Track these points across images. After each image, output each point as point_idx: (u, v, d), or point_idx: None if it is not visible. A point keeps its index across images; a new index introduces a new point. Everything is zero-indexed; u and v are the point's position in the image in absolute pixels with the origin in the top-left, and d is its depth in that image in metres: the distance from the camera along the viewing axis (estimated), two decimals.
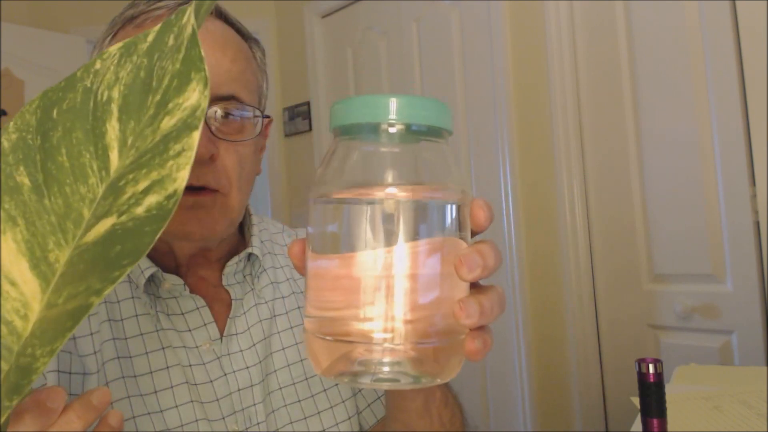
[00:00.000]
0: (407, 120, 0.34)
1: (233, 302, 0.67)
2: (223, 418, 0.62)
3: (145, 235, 0.28)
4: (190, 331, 0.64)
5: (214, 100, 0.60)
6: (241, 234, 0.74)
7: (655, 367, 0.59)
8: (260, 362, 0.66)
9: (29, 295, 0.29)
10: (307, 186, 2.47)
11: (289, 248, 0.39)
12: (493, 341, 0.41)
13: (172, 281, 0.64)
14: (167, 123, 0.29)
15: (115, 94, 0.31)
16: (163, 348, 0.62)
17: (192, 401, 0.61)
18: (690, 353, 1.60)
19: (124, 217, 0.28)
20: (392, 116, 0.33)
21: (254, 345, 0.67)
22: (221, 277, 0.69)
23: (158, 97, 0.29)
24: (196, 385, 0.62)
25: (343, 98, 0.35)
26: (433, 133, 0.35)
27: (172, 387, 0.61)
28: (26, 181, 0.31)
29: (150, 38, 0.30)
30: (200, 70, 0.28)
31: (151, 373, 0.61)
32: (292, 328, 0.71)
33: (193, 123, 0.28)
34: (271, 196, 2.79)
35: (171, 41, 0.29)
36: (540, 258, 1.92)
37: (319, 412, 0.68)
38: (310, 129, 2.65)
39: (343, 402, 0.70)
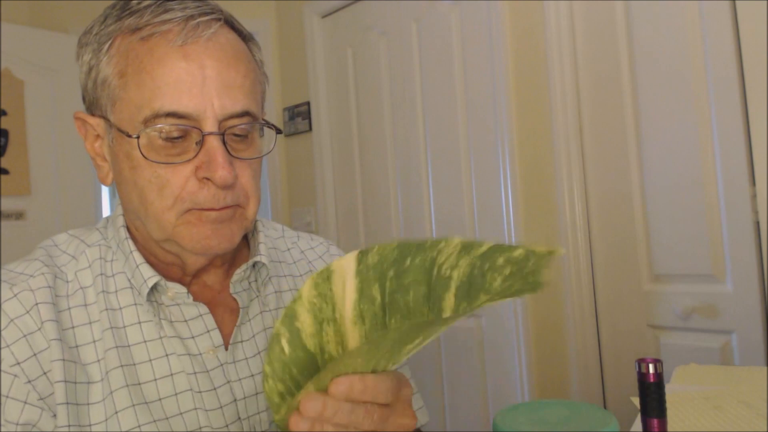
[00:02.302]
0: None
1: (241, 310, 0.67)
2: (227, 426, 0.62)
3: None
4: (193, 338, 0.63)
5: (229, 117, 0.60)
6: (245, 239, 0.74)
7: (655, 367, 0.59)
8: None
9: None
10: (307, 186, 2.45)
11: None
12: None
13: (175, 289, 0.63)
14: None
15: (455, 275, 0.41)
16: (167, 355, 0.62)
17: (196, 408, 0.61)
18: (690, 353, 1.60)
19: None
20: None
21: (259, 353, 0.67)
22: (227, 283, 0.69)
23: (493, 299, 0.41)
24: (200, 392, 0.62)
25: None
26: None
27: (176, 394, 0.61)
28: (378, 296, 0.41)
29: (483, 249, 0.41)
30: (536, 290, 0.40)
31: (156, 380, 0.60)
32: None
33: None
34: (271, 196, 2.79)
35: (500, 261, 0.40)
36: None
37: None
38: (310, 129, 2.65)
39: None
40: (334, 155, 2.61)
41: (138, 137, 0.58)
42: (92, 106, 0.63)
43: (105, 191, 3.48)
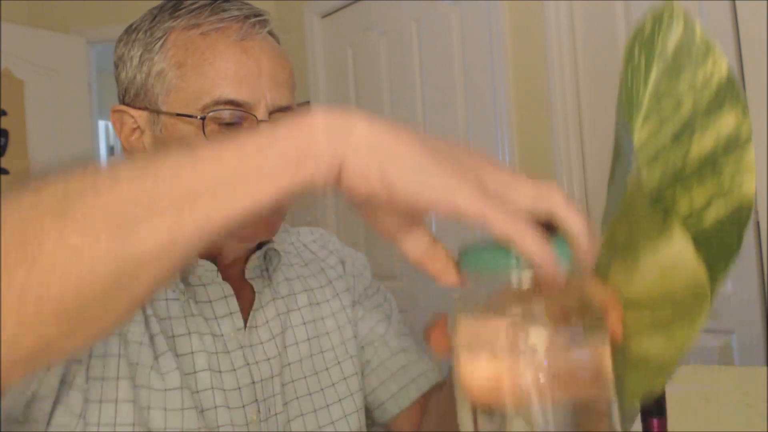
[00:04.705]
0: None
1: (256, 295, 0.69)
2: (243, 407, 0.64)
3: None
4: (216, 319, 0.66)
5: (276, 110, 0.64)
6: None
7: None
8: (278, 355, 0.69)
9: None
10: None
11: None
12: None
13: (205, 267, 0.66)
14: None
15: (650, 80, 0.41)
16: (189, 333, 0.64)
17: (213, 388, 0.63)
18: (689, 353, 1.60)
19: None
20: None
21: (273, 338, 0.69)
22: (242, 271, 0.71)
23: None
24: (220, 372, 0.64)
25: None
26: None
27: (195, 372, 0.63)
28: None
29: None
30: (738, 101, 0.36)
31: (177, 356, 0.63)
32: (305, 323, 0.73)
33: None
34: None
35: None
36: None
37: (328, 405, 0.71)
38: None
39: (351, 395, 0.72)
40: None
41: (204, 118, 0.61)
42: (137, 98, 0.65)
43: None
